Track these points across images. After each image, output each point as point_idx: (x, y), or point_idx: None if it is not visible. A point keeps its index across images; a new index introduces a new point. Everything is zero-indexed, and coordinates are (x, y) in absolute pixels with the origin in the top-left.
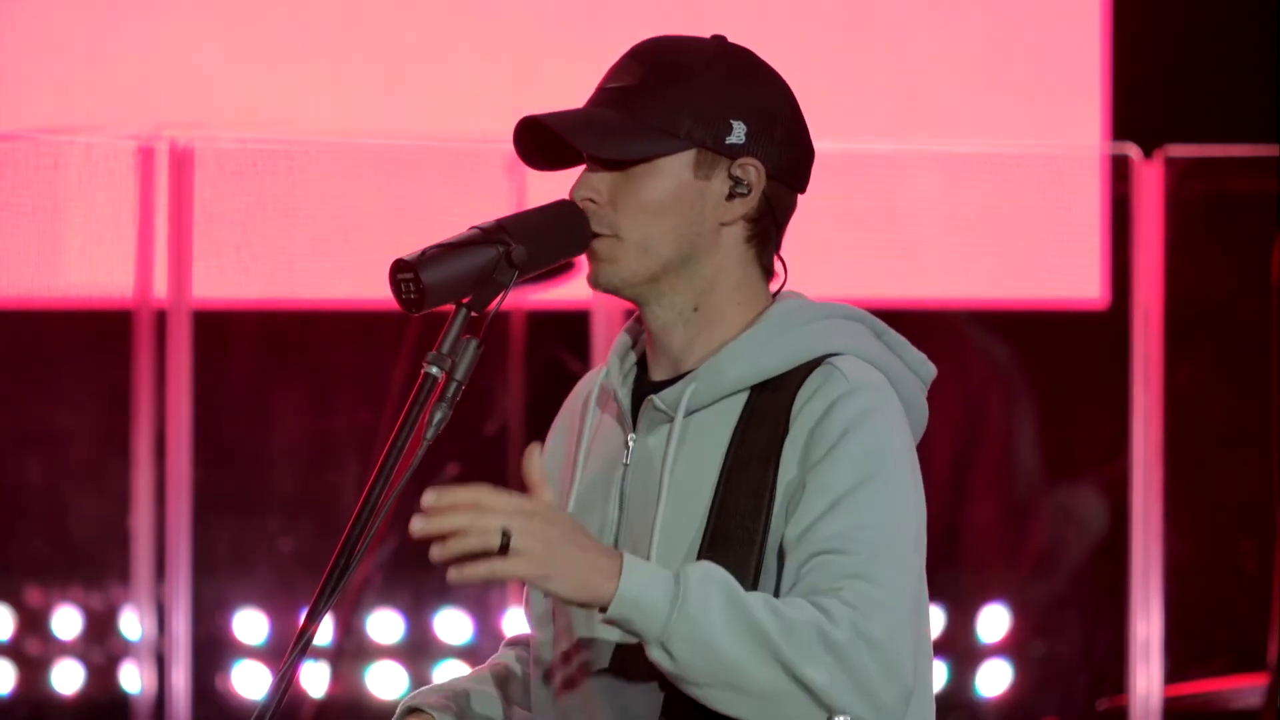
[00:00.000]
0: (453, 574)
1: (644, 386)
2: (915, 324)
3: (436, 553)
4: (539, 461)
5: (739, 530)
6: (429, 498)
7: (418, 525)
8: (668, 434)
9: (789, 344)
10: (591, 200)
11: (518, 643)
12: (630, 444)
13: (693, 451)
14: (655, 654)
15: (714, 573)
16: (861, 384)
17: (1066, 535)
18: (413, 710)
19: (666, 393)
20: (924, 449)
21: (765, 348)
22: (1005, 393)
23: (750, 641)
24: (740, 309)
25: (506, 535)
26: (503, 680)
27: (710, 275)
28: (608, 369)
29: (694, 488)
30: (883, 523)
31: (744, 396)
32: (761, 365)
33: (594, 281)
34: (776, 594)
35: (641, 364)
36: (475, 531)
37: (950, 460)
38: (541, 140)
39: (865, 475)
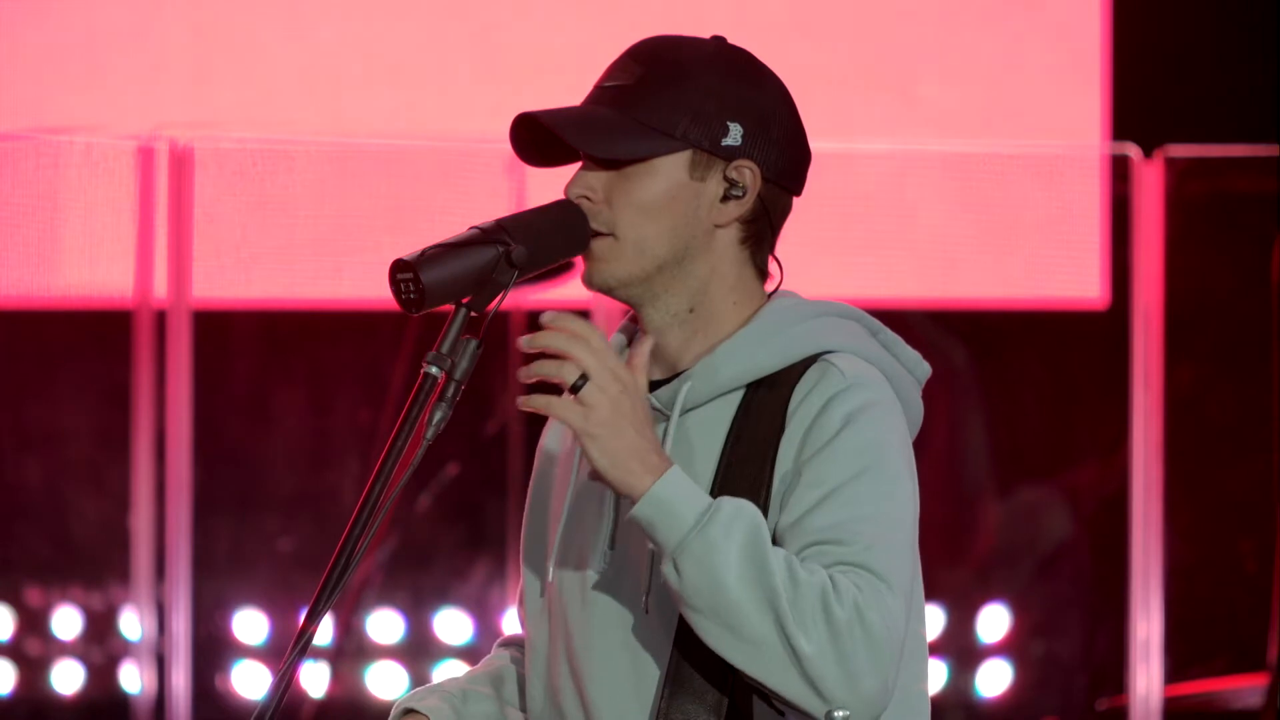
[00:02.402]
0: (520, 399)
1: None
2: (915, 324)
3: (523, 371)
4: (648, 347)
5: None
6: (548, 316)
7: (526, 340)
8: (664, 432)
9: (784, 342)
10: (586, 198)
11: (512, 643)
12: None
13: (689, 449)
14: (667, 568)
15: (747, 511)
16: (858, 380)
17: (1038, 533)
18: (408, 712)
19: (662, 391)
20: (923, 448)
21: (760, 345)
22: (1004, 393)
23: (756, 587)
24: (735, 309)
25: (583, 379)
26: (498, 681)
27: (705, 276)
28: None
29: None
30: (879, 515)
31: (739, 394)
32: (757, 363)
33: (588, 281)
34: None
35: None
36: (563, 358)
37: (951, 459)
38: (538, 137)
39: (861, 468)
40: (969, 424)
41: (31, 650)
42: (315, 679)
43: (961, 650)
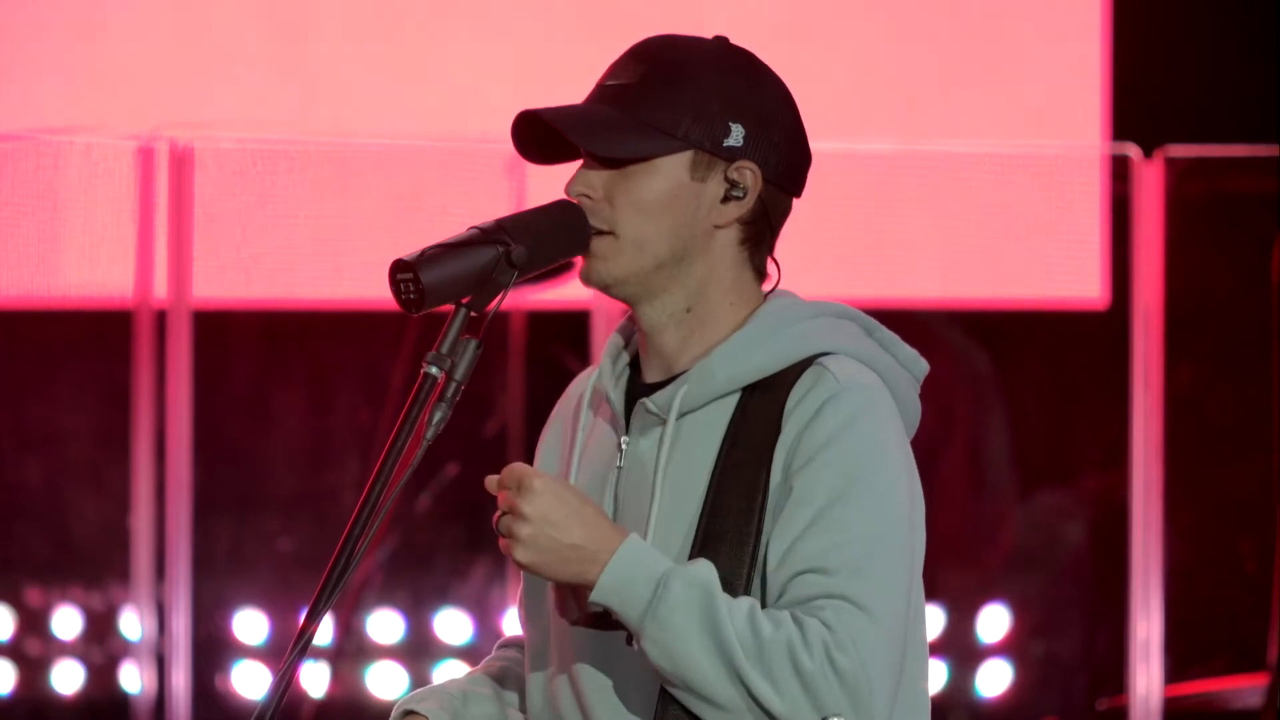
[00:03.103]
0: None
1: (637, 388)
2: (914, 324)
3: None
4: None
5: (732, 532)
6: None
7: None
8: (660, 436)
9: (780, 343)
10: (587, 196)
11: (511, 644)
12: (623, 447)
13: (685, 453)
14: (636, 647)
15: (700, 577)
16: (851, 385)
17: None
18: (408, 713)
19: (658, 395)
20: (925, 448)
21: (756, 347)
22: (1004, 393)
23: (716, 658)
24: (733, 310)
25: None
26: (498, 682)
27: (703, 276)
28: (599, 370)
29: (687, 490)
30: (867, 535)
31: (736, 397)
32: (752, 365)
33: (586, 278)
34: (765, 596)
35: (634, 365)
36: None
37: (951, 459)
38: (540, 134)
39: (851, 482)
40: (983, 426)
41: (31, 650)
42: (315, 679)
43: (961, 650)
